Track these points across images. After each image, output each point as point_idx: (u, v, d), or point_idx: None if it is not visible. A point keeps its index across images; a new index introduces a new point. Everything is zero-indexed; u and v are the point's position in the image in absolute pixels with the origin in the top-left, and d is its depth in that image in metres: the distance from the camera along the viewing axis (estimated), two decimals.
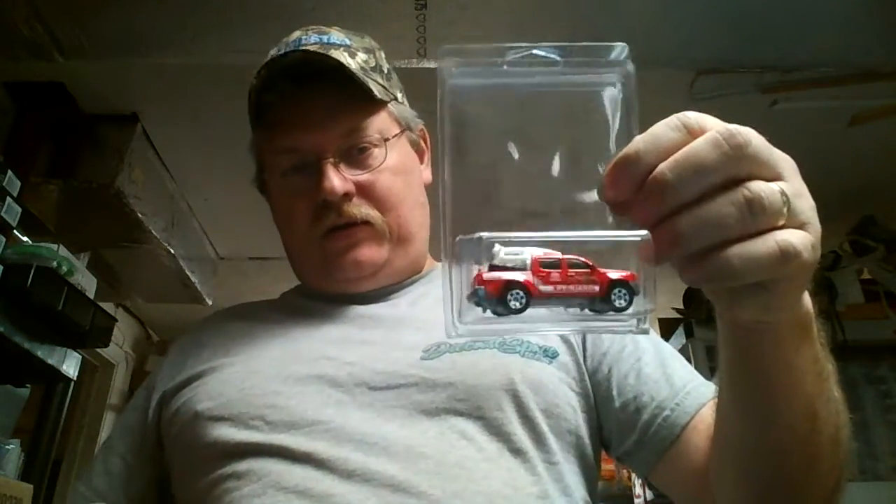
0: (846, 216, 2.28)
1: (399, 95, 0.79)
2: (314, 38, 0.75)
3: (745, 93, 1.77)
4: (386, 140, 0.74)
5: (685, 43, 1.56)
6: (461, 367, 0.63)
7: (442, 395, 0.61)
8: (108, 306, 2.12)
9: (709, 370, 2.12)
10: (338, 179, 0.70)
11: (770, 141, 0.41)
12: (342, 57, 0.71)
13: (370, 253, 0.72)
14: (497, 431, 0.60)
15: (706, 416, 0.61)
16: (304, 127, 0.72)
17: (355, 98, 0.72)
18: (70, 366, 1.76)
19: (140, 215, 1.99)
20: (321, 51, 0.71)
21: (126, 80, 1.84)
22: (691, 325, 2.21)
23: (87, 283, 1.80)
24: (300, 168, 0.73)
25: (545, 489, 0.59)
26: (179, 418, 0.67)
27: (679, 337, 2.25)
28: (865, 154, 2.12)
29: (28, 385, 1.78)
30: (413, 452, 0.57)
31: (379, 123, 0.74)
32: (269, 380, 0.65)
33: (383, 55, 0.80)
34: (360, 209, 0.71)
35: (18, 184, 1.54)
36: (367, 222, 0.72)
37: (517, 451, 0.60)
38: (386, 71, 0.78)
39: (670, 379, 0.65)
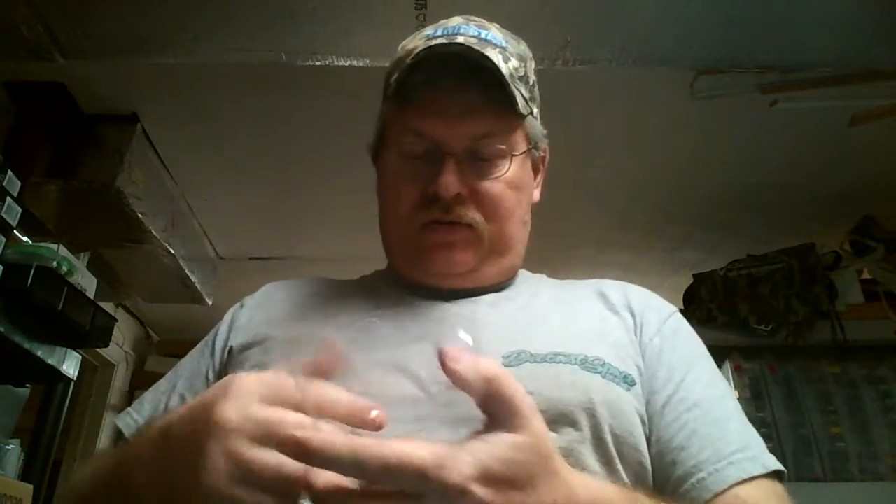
0: (846, 216, 2.28)
1: (535, 111, 0.78)
2: (473, 30, 0.74)
3: (745, 93, 1.77)
4: (514, 154, 0.73)
5: (685, 43, 1.56)
6: (542, 378, 0.61)
7: None
8: (108, 306, 2.12)
9: None
10: (455, 178, 0.69)
11: (770, 141, 0.41)
12: (497, 59, 0.70)
13: (465, 256, 0.72)
14: (567, 449, 0.59)
15: (742, 494, 0.59)
16: (440, 117, 0.71)
17: (498, 104, 0.70)
18: (70, 366, 1.76)
19: (140, 215, 1.99)
20: (478, 47, 0.70)
21: (126, 80, 1.84)
22: (691, 325, 2.21)
23: (87, 283, 1.80)
24: (423, 154, 0.72)
25: None
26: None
27: None
28: (865, 154, 2.12)
29: (28, 385, 1.78)
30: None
31: (512, 135, 0.73)
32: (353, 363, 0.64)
33: (533, 66, 0.79)
34: (468, 212, 0.71)
35: (18, 184, 1.54)
36: (469, 225, 0.71)
37: (584, 471, 0.58)
38: (531, 83, 0.77)
39: (715, 442, 0.62)
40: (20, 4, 1.41)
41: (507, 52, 0.74)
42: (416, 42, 0.74)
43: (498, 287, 0.77)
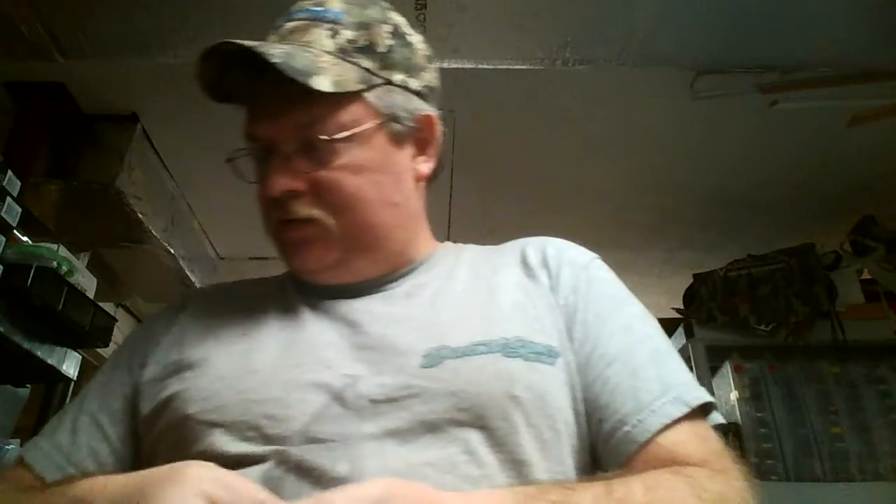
0: (846, 216, 2.28)
1: (400, 77, 0.71)
2: (306, 11, 0.71)
3: (745, 93, 1.77)
4: (349, 135, 0.67)
5: (685, 43, 1.56)
6: (464, 374, 0.60)
7: (444, 404, 0.58)
8: (108, 306, 2.11)
9: (709, 370, 2.12)
10: (281, 177, 0.66)
11: (770, 141, 0.41)
12: (319, 36, 0.67)
13: (317, 253, 0.68)
14: (501, 442, 0.58)
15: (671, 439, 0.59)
16: (262, 115, 0.69)
17: (315, 93, 0.64)
18: (70, 366, 1.76)
19: (140, 215, 1.99)
20: (300, 30, 0.68)
21: (126, 80, 1.84)
22: (691, 325, 2.21)
23: (87, 283, 1.80)
24: (261, 156, 0.70)
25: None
26: (167, 415, 0.63)
27: (679, 337, 2.25)
28: (865, 154, 2.13)
29: (28, 385, 1.78)
30: (412, 476, 0.54)
31: (344, 115, 0.67)
32: (267, 384, 0.61)
33: (389, 29, 0.72)
34: (305, 208, 0.67)
35: (18, 184, 1.54)
36: (311, 220, 0.67)
37: (521, 463, 0.58)
38: (383, 50, 0.70)
39: (636, 392, 0.62)
40: (20, 4, 1.41)
41: (340, 24, 0.69)
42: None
43: (408, 272, 0.73)
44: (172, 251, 2.22)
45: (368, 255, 0.71)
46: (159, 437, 0.64)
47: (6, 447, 1.68)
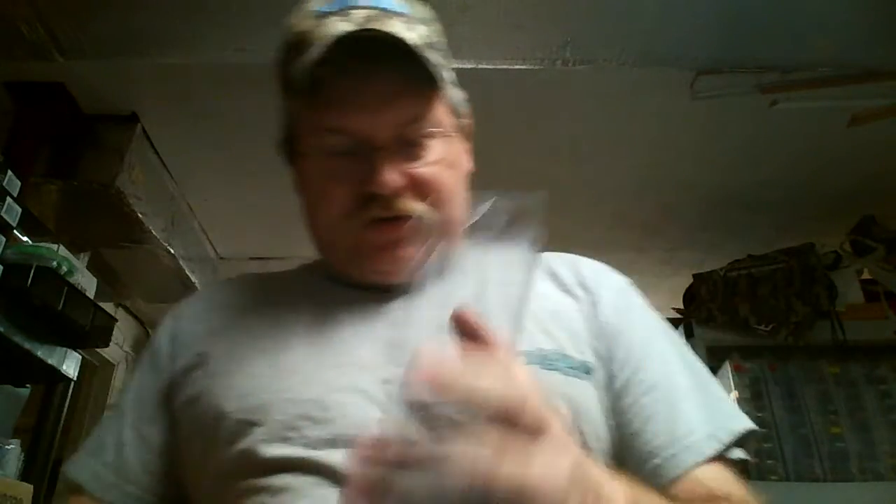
0: (846, 216, 2.28)
1: (450, 75, 0.71)
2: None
3: (745, 93, 1.77)
4: (444, 131, 0.67)
5: (685, 43, 1.56)
6: None
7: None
8: (108, 306, 2.12)
9: (709, 370, 2.12)
10: (394, 173, 0.63)
11: (770, 141, 0.41)
12: (403, 30, 0.63)
13: (413, 250, 0.65)
14: None
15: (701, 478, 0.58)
16: (360, 109, 0.64)
17: (417, 81, 0.63)
18: (70, 366, 1.76)
19: (140, 215, 1.99)
20: (378, 19, 0.63)
21: (126, 80, 1.84)
22: (691, 325, 2.21)
23: (87, 283, 1.80)
24: (348, 151, 0.65)
25: None
26: (200, 410, 0.62)
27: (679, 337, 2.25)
28: (865, 154, 2.12)
29: (28, 385, 1.78)
30: None
31: (437, 111, 0.67)
32: (306, 384, 0.60)
33: (439, 27, 0.71)
34: (411, 204, 0.65)
35: (18, 184, 1.54)
36: (415, 218, 0.65)
37: None
38: (442, 47, 0.70)
39: (672, 425, 0.61)
40: (20, 4, 1.41)
41: (409, 18, 0.67)
42: (308, 23, 0.67)
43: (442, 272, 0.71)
44: (172, 251, 2.22)
45: (448, 248, 0.67)
46: (194, 431, 0.63)
47: (6, 447, 1.68)
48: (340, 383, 0.59)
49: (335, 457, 0.55)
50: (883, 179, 2.24)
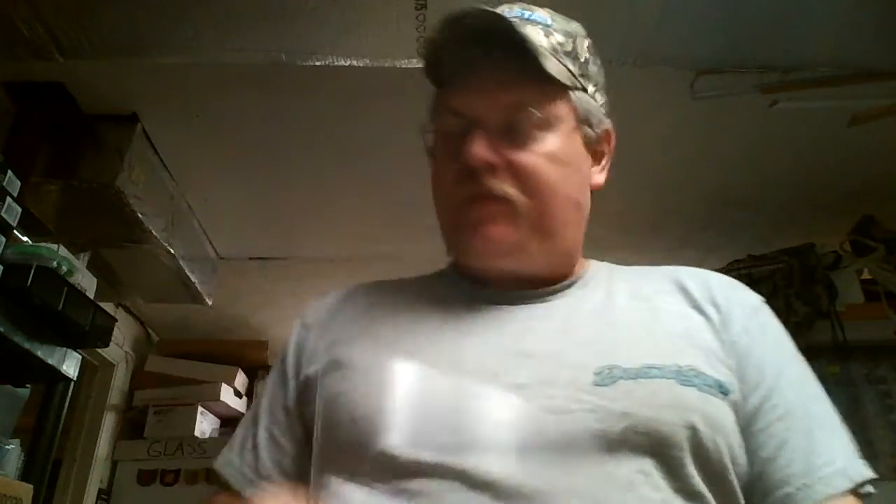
0: (846, 216, 2.28)
1: (592, 89, 0.75)
2: (517, 11, 0.73)
3: (745, 93, 1.77)
4: (553, 126, 0.70)
5: (685, 43, 1.56)
6: (639, 397, 0.59)
7: (620, 426, 0.57)
8: (108, 306, 2.12)
9: None
10: (483, 148, 0.67)
11: (770, 141, 0.41)
12: (536, 33, 0.70)
13: (502, 230, 0.68)
14: (675, 472, 0.57)
15: None
16: (474, 92, 0.70)
17: (534, 75, 0.68)
18: (70, 366, 1.76)
19: (140, 215, 1.99)
20: (518, 24, 0.69)
21: (126, 80, 1.84)
22: None
23: (87, 283, 1.80)
24: (462, 132, 0.69)
25: None
26: (336, 414, 0.65)
27: None
28: (865, 154, 2.12)
29: (28, 385, 1.78)
30: (598, 494, 0.54)
31: (552, 107, 0.70)
32: (440, 393, 0.62)
33: (587, 45, 0.76)
34: (502, 184, 0.68)
35: (18, 184, 1.54)
36: (504, 198, 0.67)
37: (694, 495, 0.57)
38: (583, 60, 0.74)
39: (808, 455, 0.61)
40: (20, 4, 1.41)
41: (550, 28, 0.73)
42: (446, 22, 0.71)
43: (569, 285, 0.73)
44: (172, 251, 2.22)
45: (544, 244, 0.70)
46: (329, 436, 0.66)
47: (6, 447, 1.68)
48: (474, 390, 0.61)
49: (468, 461, 0.56)
50: (883, 179, 2.24)
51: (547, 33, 0.71)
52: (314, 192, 2.34)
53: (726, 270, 2.28)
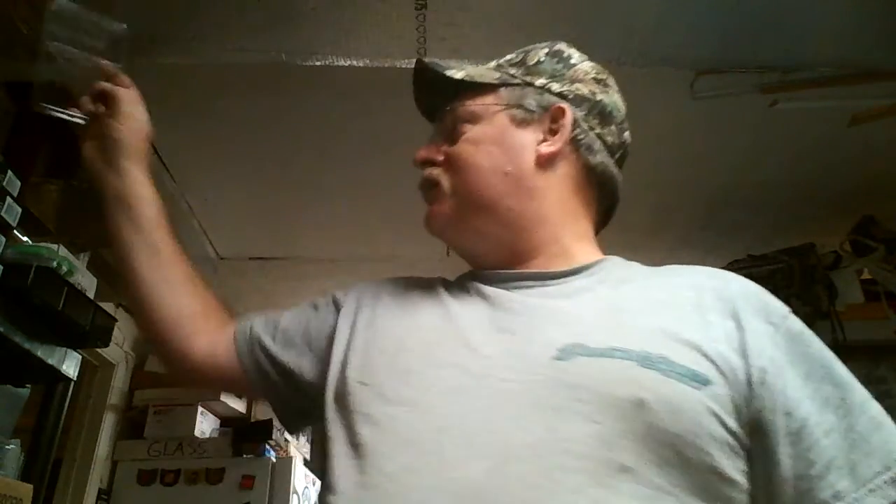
0: (846, 216, 2.28)
1: (543, 81, 0.84)
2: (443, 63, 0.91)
3: (745, 93, 1.77)
4: (479, 117, 0.83)
5: (685, 43, 1.56)
6: (592, 372, 0.61)
7: (564, 393, 0.60)
8: (108, 306, 2.11)
9: None
10: (425, 149, 0.85)
11: (770, 141, 0.41)
12: (451, 65, 0.87)
13: (437, 207, 0.83)
14: (609, 443, 0.57)
15: None
16: (432, 116, 0.91)
17: (454, 86, 0.85)
18: (70, 366, 1.76)
19: None
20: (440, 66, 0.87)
21: None
22: None
23: (87, 283, 1.80)
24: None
25: None
26: (336, 375, 0.75)
27: None
28: (865, 154, 2.12)
29: (28, 385, 1.78)
30: (510, 455, 0.58)
31: (475, 106, 0.83)
32: (413, 359, 0.71)
33: (546, 52, 0.87)
34: (433, 172, 0.83)
35: (18, 184, 1.54)
36: (437, 182, 0.82)
37: (624, 469, 0.56)
38: (533, 62, 0.86)
39: (855, 467, 0.59)
40: (20, 4, 1.41)
41: (482, 63, 0.90)
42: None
43: (571, 273, 0.77)
44: None
45: (484, 215, 0.80)
46: (327, 387, 0.76)
47: (6, 447, 1.68)
48: (441, 359, 0.69)
49: (425, 406, 0.65)
50: (883, 179, 2.24)
51: (478, 64, 0.90)
52: (314, 192, 2.34)
53: (726, 270, 2.28)
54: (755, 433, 0.61)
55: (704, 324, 0.66)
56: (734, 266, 2.29)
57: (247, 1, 1.45)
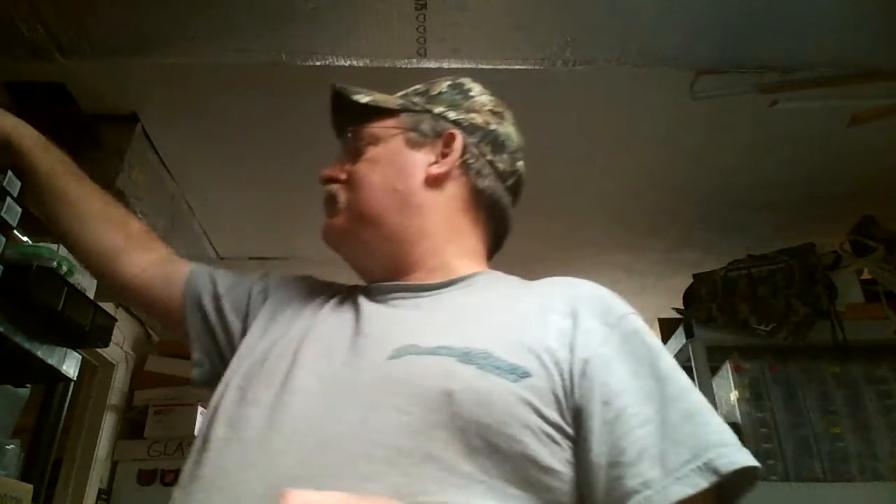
0: (846, 216, 2.28)
1: (441, 109, 0.90)
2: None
3: (745, 93, 1.77)
4: (379, 140, 0.89)
5: (685, 43, 1.56)
6: (414, 368, 0.66)
7: (385, 387, 0.65)
8: (108, 306, 2.11)
9: (709, 370, 2.12)
10: (329, 168, 0.93)
11: (770, 141, 0.41)
12: (352, 94, 0.93)
13: (332, 220, 0.91)
14: (417, 432, 0.60)
15: None
16: (341, 138, 0.98)
17: (360, 111, 0.92)
18: (70, 366, 1.76)
19: (140, 215, 1.99)
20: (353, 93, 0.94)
21: (126, 80, 1.84)
22: (691, 325, 2.21)
23: (87, 283, 1.79)
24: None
25: (444, 502, 0.57)
26: (226, 372, 0.81)
27: (679, 337, 2.25)
28: (865, 154, 2.13)
29: (28, 385, 1.78)
30: (319, 446, 0.62)
31: (376, 130, 0.90)
32: (277, 364, 0.74)
33: (448, 84, 0.94)
34: (333, 188, 0.91)
35: (18, 184, 1.53)
36: (335, 197, 0.91)
37: (430, 458, 0.59)
38: (436, 93, 0.93)
39: (664, 456, 0.59)
40: (20, 4, 1.41)
41: (382, 93, 0.94)
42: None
43: (442, 286, 0.81)
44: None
45: (371, 229, 0.86)
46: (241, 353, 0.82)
47: (6, 447, 1.68)
48: (305, 367, 0.72)
49: (283, 399, 0.69)
50: (883, 179, 2.24)
51: (388, 93, 0.94)
52: (314, 192, 2.32)
53: (726, 270, 2.28)
54: (576, 421, 0.64)
55: (543, 324, 0.70)
56: (734, 266, 2.29)
57: (247, 1, 1.45)
